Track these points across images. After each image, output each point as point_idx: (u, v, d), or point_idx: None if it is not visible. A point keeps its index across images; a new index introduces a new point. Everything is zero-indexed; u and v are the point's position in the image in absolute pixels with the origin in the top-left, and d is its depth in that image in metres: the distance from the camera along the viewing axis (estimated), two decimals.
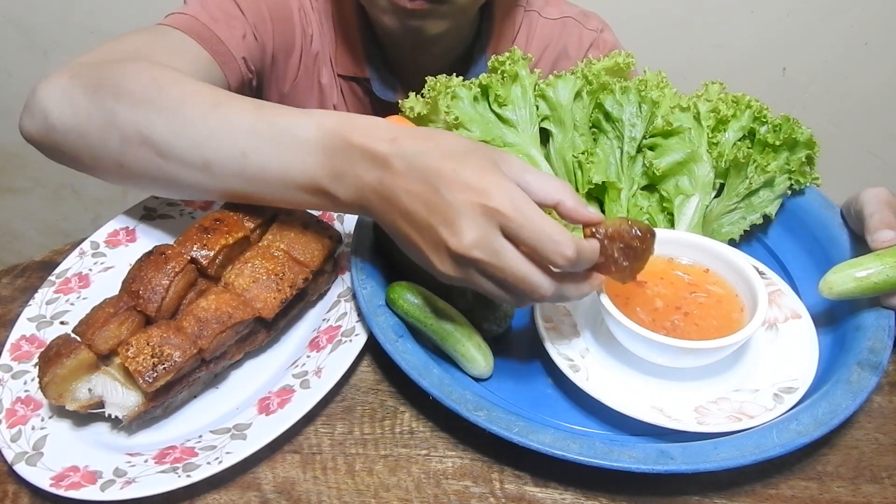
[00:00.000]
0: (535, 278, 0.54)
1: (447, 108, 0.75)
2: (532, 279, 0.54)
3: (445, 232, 0.53)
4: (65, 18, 1.59)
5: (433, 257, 0.56)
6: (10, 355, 0.65)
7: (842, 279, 0.60)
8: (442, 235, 0.54)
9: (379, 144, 0.57)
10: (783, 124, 0.73)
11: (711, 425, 0.55)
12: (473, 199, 0.52)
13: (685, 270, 0.65)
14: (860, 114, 1.69)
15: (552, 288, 0.54)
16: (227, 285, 0.64)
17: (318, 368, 0.63)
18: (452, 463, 0.58)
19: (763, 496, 0.56)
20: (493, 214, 0.52)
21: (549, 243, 0.52)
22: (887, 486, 0.56)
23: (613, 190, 0.75)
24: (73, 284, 0.72)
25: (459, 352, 0.62)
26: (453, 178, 0.53)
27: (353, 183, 0.59)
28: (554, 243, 0.52)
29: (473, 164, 0.54)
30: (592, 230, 0.56)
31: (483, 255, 0.53)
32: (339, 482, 0.57)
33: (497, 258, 0.53)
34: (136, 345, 0.58)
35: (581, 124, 0.78)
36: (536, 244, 0.52)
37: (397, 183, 0.56)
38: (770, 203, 0.73)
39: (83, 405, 0.59)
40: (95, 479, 0.55)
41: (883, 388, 0.64)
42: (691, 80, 0.83)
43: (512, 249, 0.53)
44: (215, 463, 0.55)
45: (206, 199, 0.74)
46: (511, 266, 0.53)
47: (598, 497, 0.56)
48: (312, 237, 0.68)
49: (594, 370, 0.61)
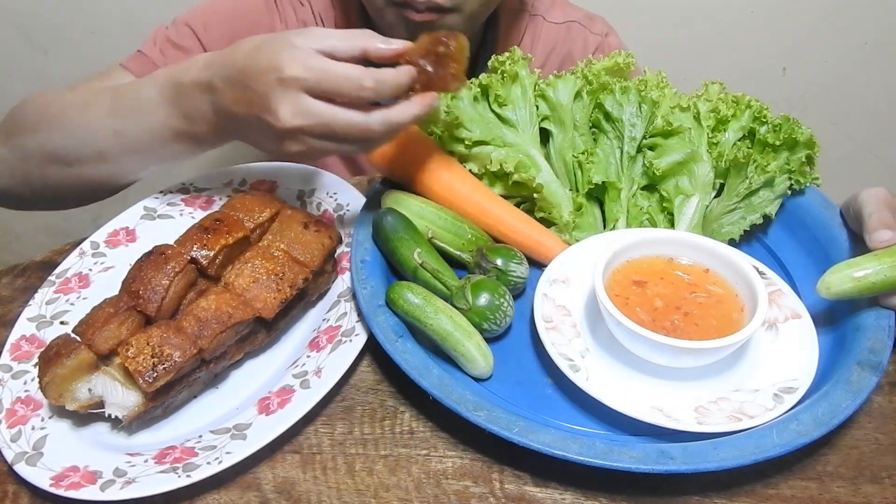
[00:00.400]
0: (356, 118, 0.60)
1: (447, 107, 0.76)
2: (354, 119, 0.60)
3: (268, 118, 0.60)
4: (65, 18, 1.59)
5: (274, 145, 0.63)
6: (10, 355, 0.65)
7: (840, 279, 0.60)
8: (268, 122, 0.61)
9: (201, 74, 0.66)
10: (783, 124, 0.73)
11: (711, 425, 0.55)
12: (273, 77, 0.59)
13: (685, 270, 0.65)
14: (860, 114, 1.69)
15: (378, 119, 0.60)
16: (227, 285, 0.64)
17: (318, 368, 0.63)
18: (452, 463, 0.58)
19: (763, 496, 0.56)
20: (292, 83, 0.59)
21: (346, 82, 0.59)
22: (887, 486, 0.56)
23: (613, 190, 0.75)
24: (73, 284, 0.72)
25: (459, 352, 0.62)
26: (254, 69, 0.60)
27: (200, 116, 0.68)
28: (350, 79, 0.58)
29: (267, 50, 0.60)
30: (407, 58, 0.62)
31: (303, 121, 0.60)
32: (339, 482, 0.57)
33: (315, 117, 0.59)
34: (136, 345, 0.58)
35: (581, 124, 0.78)
36: (338, 88, 0.59)
37: (224, 98, 0.64)
38: (770, 203, 0.73)
39: (83, 405, 0.59)
40: (95, 479, 0.55)
41: (883, 388, 0.63)
42: (691, 80, 0.83)
43: (324, 104, 0.60)
44: (215, 463, 0.55)
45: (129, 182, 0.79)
46: (329, 118, 0.59)
47: (598, 497, 0.56)
48: (312, 237, 0.68)
49: (594, 370, 0.61)
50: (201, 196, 0.82)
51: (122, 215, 0.79)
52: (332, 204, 0.80)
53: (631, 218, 0.76)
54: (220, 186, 0.83)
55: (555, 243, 0.74)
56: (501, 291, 0.65)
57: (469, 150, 0.76)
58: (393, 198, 0.73)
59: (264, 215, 0.70)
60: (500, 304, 0.64)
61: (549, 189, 0.76)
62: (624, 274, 0.64)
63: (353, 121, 0.60)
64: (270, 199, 0.73)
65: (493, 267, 0.68)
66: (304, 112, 0.59)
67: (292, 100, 0.59)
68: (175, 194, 0.82)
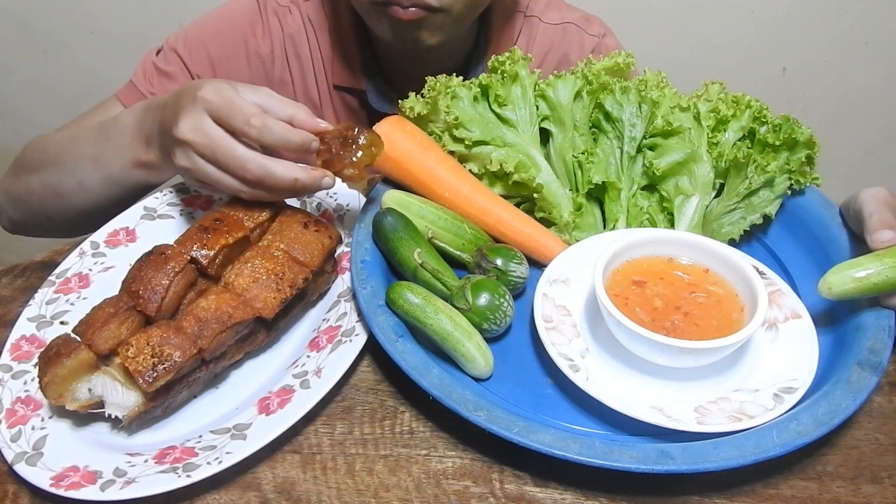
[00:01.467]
0: (239, 150, 0.64)
1: (447, 108, 0.75)
2: (237, 151, 0.64)
3: (172, 125, 0.65)
4: (65, 18, 1.59)
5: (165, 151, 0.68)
6: (10, 355, 0.65)
7: (841, 279, 0.60)
8: (169, 128, 0.65)
9: (167, 96, 0.70)
10: (783, 124, 0.73)
11: (711, 425, 0.55)
12: (192, 94, 0.65)
13: (685, 270, 0.65)
14: (860, 114, 1.69)
15: (256, 160, 0.64)
16: (227, 285, 0.64)
17: (318, 368, 0.63)
18: (452, 463, 0.58)
19: (763, 496, 0.56)
20: (201, 101, 0.64)
21: (239, 113, 0.63)
22: (887, 486, 0.56)
23: (613, 190, 0.75)
24: (73, 284, 0.72)
25: (459, 352, 0.62)
26: (188, 88, 0.66)
27: (153, 138, 0.72)
28: (243, 112, 0.63)
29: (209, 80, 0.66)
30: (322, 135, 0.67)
31: (194, 136, 0.64)
32: (339, 482, 0.57)
33: (205, 136, 0.63)
34: (136, 345, 0.58)
35: (581, 124, 0.78)
36: (230, 114, 0.63)
37: (165, 113, 0.68)
38: (770, 203, 0.73)
39: (83, 405, 0.59)
40: (95, 479, 0.55)
41: (883, 388, 0.64)
42: (691, 80, 0.83)
43: (218, 129, 0.64)
44: (215, 463, 0.55)
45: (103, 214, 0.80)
46: (216, 140, 0.63)
47: (598, 497, 0.56)
48: (312, 237, 0.68)
49: (594, 370, 0.61)
50: (201, 196, 0.82)
51: (122, 215, 0.79)
52: (332, 204, 0.80)
53: (631, 218, 0.76)
54: None
55: (555, 243, 0.74)
56: (501, 291, 0.65)
57: (469, 150, 0.76)
58: (393, 198, 0.73)
59: (264, 215, 0.70)
60: (500, 304, 0.64)
61: (549, 189, 0.76)
62: (624, 274, 0.64)
63: (235, 152, 0.64)
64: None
65: (493, 267, 0.68)
66: (198, 129, 0.64)
67: (195, 116, 0.64)
68: (175, 194, 0.82)
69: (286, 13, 0.97)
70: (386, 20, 0.82)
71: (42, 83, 1.70)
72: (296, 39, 0.98)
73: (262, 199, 0.68)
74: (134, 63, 0.94)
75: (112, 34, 1.58)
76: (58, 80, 1.69)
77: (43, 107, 1.74)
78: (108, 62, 1.63)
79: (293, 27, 0.97)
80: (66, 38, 1.62)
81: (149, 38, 1.56)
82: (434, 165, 0.75)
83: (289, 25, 0.97)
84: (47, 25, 1.61)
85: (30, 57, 1.66)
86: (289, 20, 0.97)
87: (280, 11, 0.97)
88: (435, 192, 0.75)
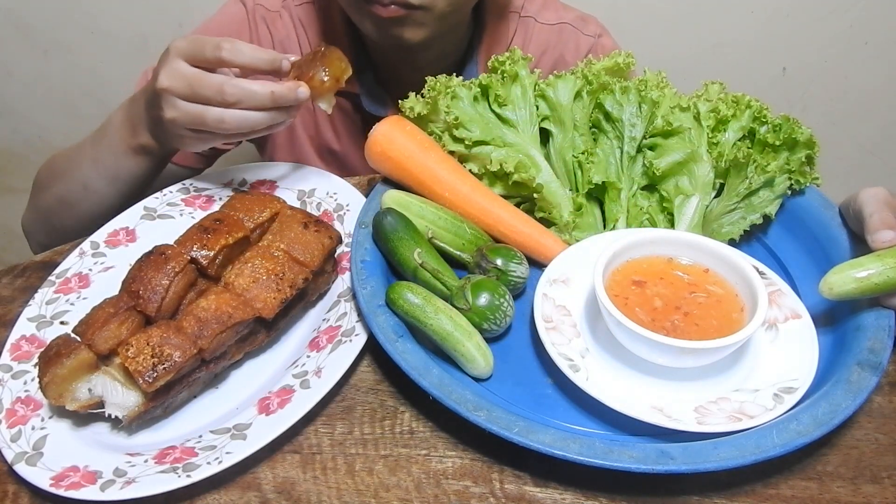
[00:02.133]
0: (214, 78, 0.68)
1: (447, 107, 0.75)
2: (213, 79, 0.68)
3: (155, 85, 0.70)
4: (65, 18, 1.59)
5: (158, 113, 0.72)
6: (10, 355, 0.65)
7: (842, 280, 0.60)
8: (153, 88, 0.70)
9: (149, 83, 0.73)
10: (783, 124, 0.73)
11: (711, 425, 0.55)
12: (163, 55, 0.70)
13: (685, 270, 0.65)
14: (860, 114, 1.69)
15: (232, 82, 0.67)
16: (227, 285, 0.64)
17: (318, 368, 0.63)
18: (452, 463, 0.58)
19: (763, 496, 0.56)
20: (172, 51, 0.69)
21: (208, 43, 0.68)
22: (887, 486, 0.56)
23: (613, 190, 0.75)
24: (73, 284, 0.72)
25: (459, 352, 0.62)
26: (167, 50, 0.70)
27: (140, 121, 0.77)
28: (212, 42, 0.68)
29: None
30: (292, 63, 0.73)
31: (171, 82, 0.69)
32: (339, 482, 0.57)
33: (181, 78, 0.68)
34: (136, 345, 0.58)
35: (581, 124, 0.78)
36: (201, 47, 0.68)
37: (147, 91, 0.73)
38: (770, 203, 0.73)
39: (83, 405, 0.59)
40: (95, 479, 0.55)
41: (883, 388, 0.63)
42: (691, 80, 0.82)
43: (192, 68, 0.69)
44: (215, 463, 0.55)
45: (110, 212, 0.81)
46: (193, 77, 0.68)
47: (598, 497, 0.56)
48: (312, 237, 0.68)
49: (594, 370, 0.61)
50: (201, 196, 0.82)
51: (122, 215, 0.79)
52: (332, 204, 0.80)
53: (631, 218, 0.76)
54: (220, 186, 0.83)
55: (555, 243, 0.74)
56: (501, 291, 0.65)
57: (469, 150, 0.76)
58: (393, 198, 0.73)
59: (264, 215, 0.70)
60: (500, 304, 0.64)
61: (549, 189, 0.76)
62: (624, 274, 0.64)
63: (210, 79, 0.68)
64: (270, 199, 0.73)
65: (493, 267, 0.68)
66: (173, 73, 0.69)
67: (170, 64, 0.69)
68: (175, 194, 0.82)
69: (276, 18, 0.97)
70: (368, 18, 0.82)
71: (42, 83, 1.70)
72: (286, 45, 0.97)
73: (247, 122, 0.70)
74: (134, 63, 0.95)
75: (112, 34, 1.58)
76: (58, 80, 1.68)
77: (43, 107, 1.74)
78: (108, 62, 1.63)
79: (283, 32, 0.97)
80: (66, 38, 1.62)
81: (149, 38, 1.56)
82: (434, 165, 0.75)
83: (278, 31, 0.97)
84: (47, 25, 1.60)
85: (30, 57, 1.65)
86: (278, 25, 0.97)
87: (269, 17, 0.97)
88: (435, 192, 0.75)
